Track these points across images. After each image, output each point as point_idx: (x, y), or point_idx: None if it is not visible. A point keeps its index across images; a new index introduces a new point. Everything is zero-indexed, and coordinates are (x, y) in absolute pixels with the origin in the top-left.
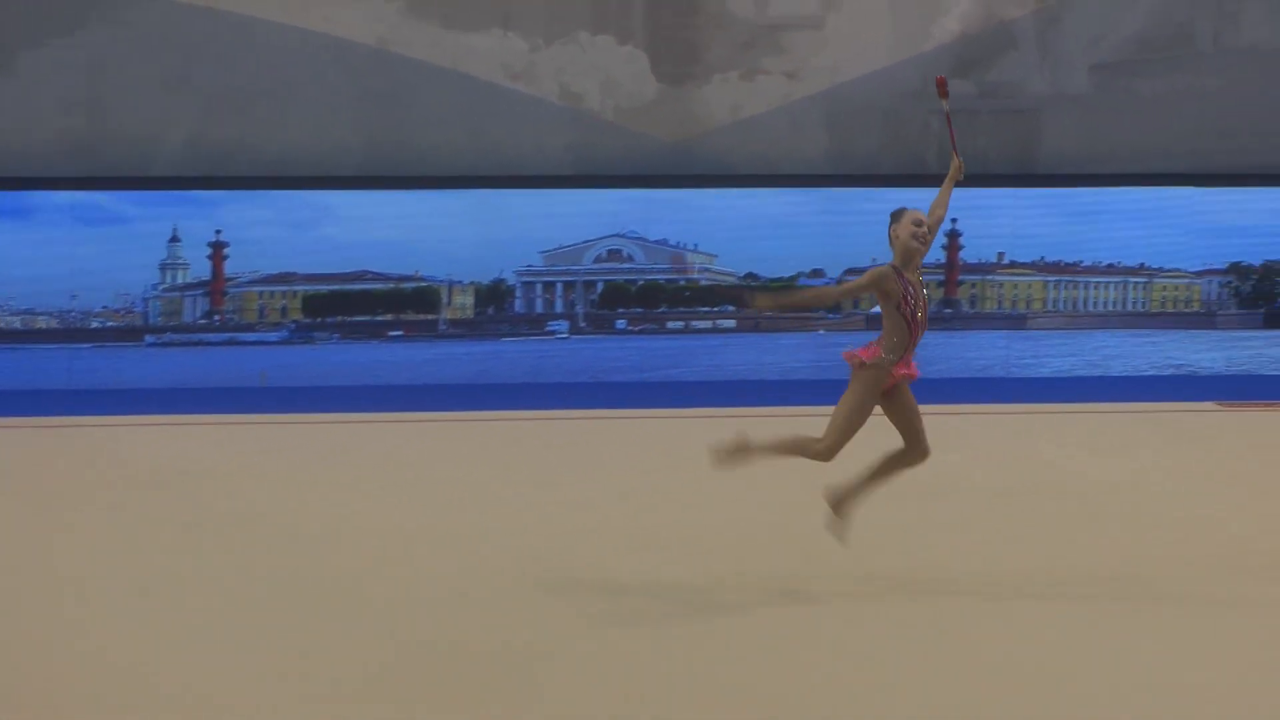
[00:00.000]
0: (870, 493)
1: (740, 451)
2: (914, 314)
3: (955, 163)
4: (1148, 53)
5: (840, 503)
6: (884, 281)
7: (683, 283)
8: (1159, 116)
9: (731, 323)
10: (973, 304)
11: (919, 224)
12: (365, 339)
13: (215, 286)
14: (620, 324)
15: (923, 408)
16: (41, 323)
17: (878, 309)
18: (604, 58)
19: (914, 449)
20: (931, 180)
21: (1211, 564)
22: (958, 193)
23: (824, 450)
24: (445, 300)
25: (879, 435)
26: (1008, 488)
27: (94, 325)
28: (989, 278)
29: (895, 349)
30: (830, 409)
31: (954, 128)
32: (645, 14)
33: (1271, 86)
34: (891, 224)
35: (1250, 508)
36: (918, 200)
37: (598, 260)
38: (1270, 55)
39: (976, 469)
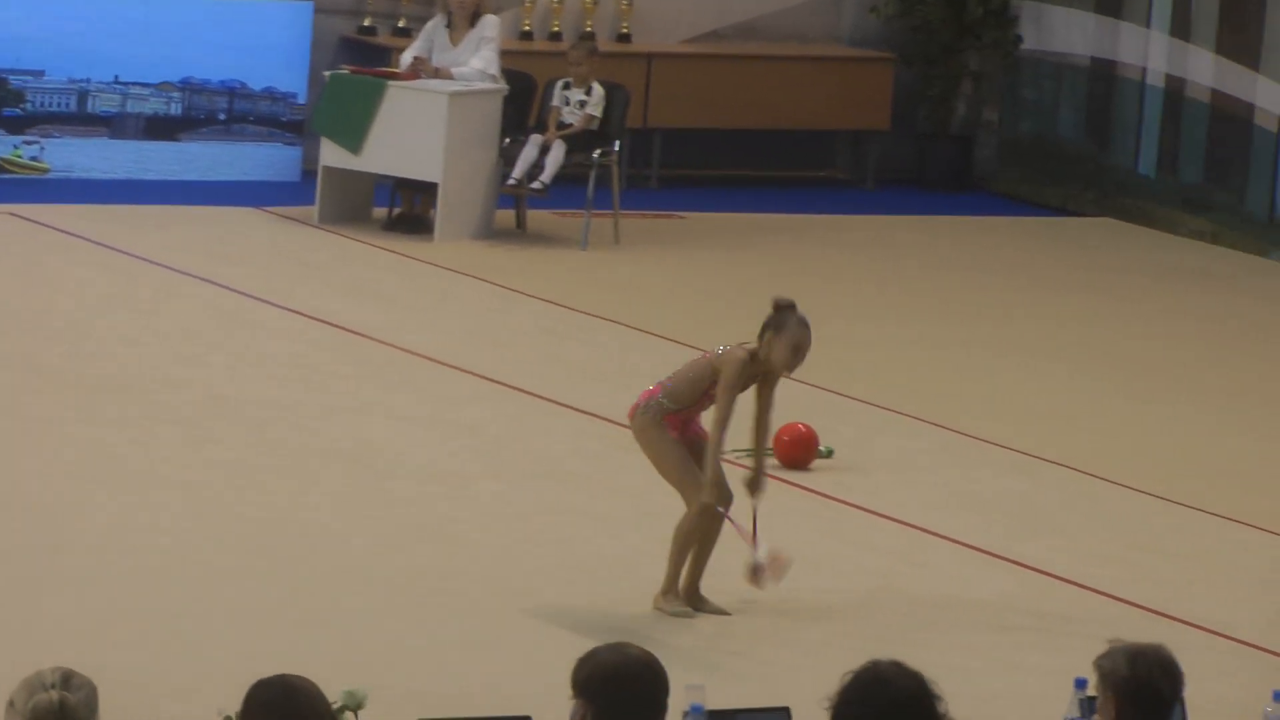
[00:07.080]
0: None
1: (678, 592)
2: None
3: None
4: None
5: (690, 600)
6: (744, 372)
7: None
8: None
9: None
10: None
11: (797, 355)
12: None
13: None
14: None
15: None
16: None
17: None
18: None
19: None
20: None
21: None
22: None
23: (700, 504)
24: None
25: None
26: None
27: None
28: None
29: (676, 399)
30: None
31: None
32: None
33: None
34: (775, 320)
35: None
36: None
37: None
38: None
39: None
